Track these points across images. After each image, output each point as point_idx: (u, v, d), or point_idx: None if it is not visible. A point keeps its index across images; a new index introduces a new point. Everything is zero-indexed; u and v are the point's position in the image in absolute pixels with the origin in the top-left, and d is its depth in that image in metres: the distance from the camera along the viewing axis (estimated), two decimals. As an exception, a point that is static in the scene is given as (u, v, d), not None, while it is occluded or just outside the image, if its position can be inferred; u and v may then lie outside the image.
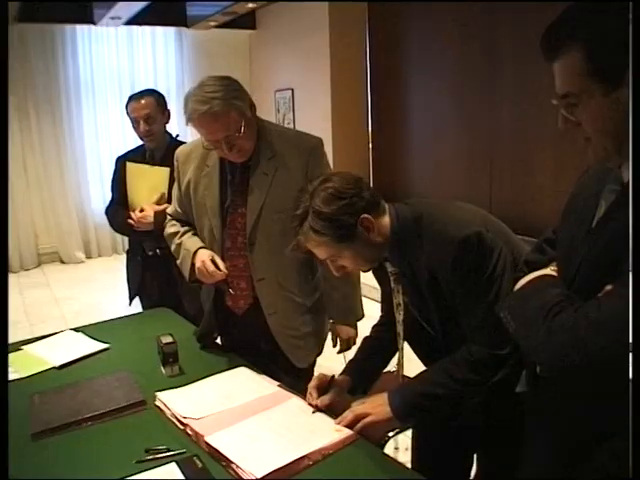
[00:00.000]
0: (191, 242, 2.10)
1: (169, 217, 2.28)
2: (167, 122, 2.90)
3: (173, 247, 2.18)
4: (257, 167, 1.99)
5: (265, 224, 1.99)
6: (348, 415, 1.58)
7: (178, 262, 2.16)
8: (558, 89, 1.06)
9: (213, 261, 1.98)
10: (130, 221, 2.79)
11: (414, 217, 1.52)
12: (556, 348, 1.03)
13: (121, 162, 2.98)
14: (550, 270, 1.21)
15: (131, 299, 3.10)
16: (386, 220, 1.54)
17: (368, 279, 1.83)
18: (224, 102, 1.84)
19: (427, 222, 1.51)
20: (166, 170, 2.75)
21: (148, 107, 2.78)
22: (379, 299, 1.83)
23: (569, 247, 1.18)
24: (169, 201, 2.74)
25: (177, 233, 2.17)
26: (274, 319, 2.06)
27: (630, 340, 0.92)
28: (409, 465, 1.83)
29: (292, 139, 2.05)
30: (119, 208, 2.93)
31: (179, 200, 2.20)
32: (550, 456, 1.24)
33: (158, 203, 2.78)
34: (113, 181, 3.03)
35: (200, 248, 2.05)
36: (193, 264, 2.03)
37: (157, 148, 2.87)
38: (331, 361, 2.25)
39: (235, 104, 1.87)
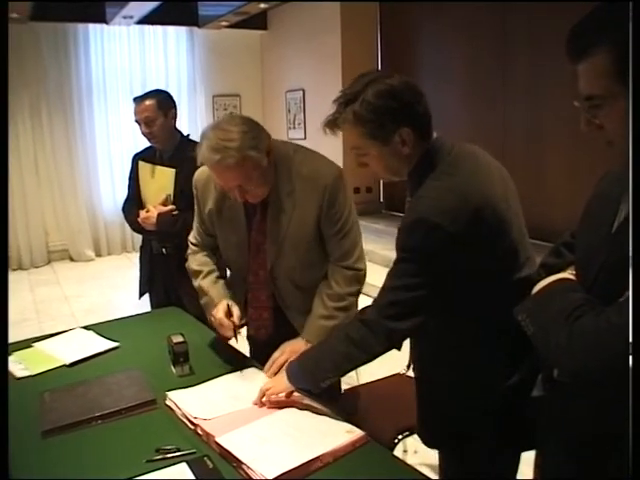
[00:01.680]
0: (214, 291, 2.06)
1: (191, 244, 2.21)
2: (173, 122, 2.90)
3: (196, 284, 2.13)
4: (276, 204, 1.94)
5: (285, 258, 1.96)
6: (258, 394, 1.70)
7: (201, 302, 2.12)
8: (582, 90, 1.05)
9: (230, 308, 1.95)
10: (139, 219, 2.84)
11: (440, 159, 1.49)
12: (577, 352, 1.02)
13: (136, 160, 3.03)
14: (568, 274, 1.19)
15: (141, 294, 3.15)
16: (425, 146, 1.50)
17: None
18: (238, 153, 1.75)
19: (440, 173, 1.47)
20: (172, 171, 2.79)
21: (148, 110, 2.81)
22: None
23: (588, 251, 1.16)
24: (175, 202, 2.80)
25: (200, 273, 2.12)
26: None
27: (630, 340, 0.91)
28: (418, 468, 1.82)
29: (308, 175, 1.93)
30: (132, 205, 2.99)
31: (201, 223, 2.14)
32: (563, 460, 1.23)
33: (164, 204, 2.82)
34: (129, 178, 3.09)
35: (221, 300, 2.01)
36: None
37: (165, 149, 2.90)
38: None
39: (250, 155, 1.77)
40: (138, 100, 2.86)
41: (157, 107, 2.81)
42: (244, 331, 2.17)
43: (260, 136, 1.82)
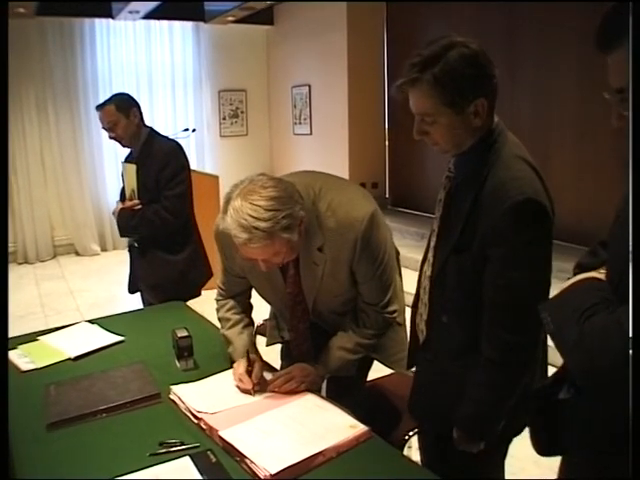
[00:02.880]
0: (239, 342, 1.94)
1: (220, 289, 2.09)
2: (136, 121, 2.95)
3: (222, 332, 2.04)
4: (308, 257, 1.80)
5: (324, 303, 1.90)
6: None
7: (228, 350, 2.01)
8: (613, 83, 1.00)
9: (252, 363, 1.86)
10: None
11: (507, 139, 1.43)
12: (586, 353, 0.98)
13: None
14: (597, 273, 1.14)
15: (130, 290, 3.23)
16: (490, 122, 1.43)
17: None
18: (268, 234, 1.56)
19: (517, 154, 1.41)
20: (133, 167, 2.91)
21: (108, 115, 2.89)
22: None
23: (618, 248, 1.11)
24: (139, 197, 2.91)
25: (227, 322, 2.02)
26: None
27: (630, 337, 0.89)
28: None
29: (336, 228, 1.74)
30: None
31: (229, 270, 2.01)
32: (586, 462, 1.20)
33: (130, 199, 2.96)
34: None
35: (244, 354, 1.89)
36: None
37: (134, 148, 3.00)
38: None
39: (281, 236, 1.59)
40: (99, 108, 2.92)
41: (116, 110, 2.88)
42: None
43: (293, 210, 1.61)
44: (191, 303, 2.92)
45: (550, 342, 1.50)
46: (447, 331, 1.54)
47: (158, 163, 2.89)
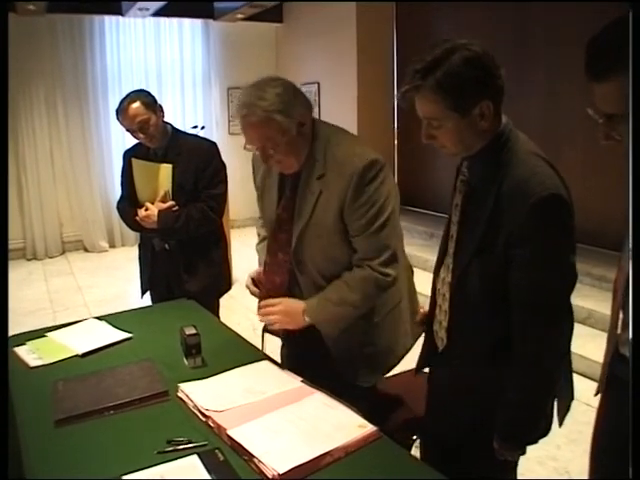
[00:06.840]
0: (260, 256, 2.12)
1: (258, 235, 2.22)
2: (163, 117, 2.81)
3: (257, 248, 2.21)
4: (306, 185, 1.83)
5: (308, 244, 1.86)
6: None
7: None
8: (603, 108, 1.03)
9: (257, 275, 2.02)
10: (137, 218, 2.78)
11: (519, 137, 1.43)
12: None
13: (127, 157, 2.93)
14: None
15: (143, 292, 3.11)
16: (498, 124, 1.44)
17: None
18: (265, 113, 1.70)
19: (532, 151, 1.41)
20: (169, 167, 2.72)
21: (137, 115, 2.67)
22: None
23: None
24: (173, 198, 2.75)
25: (259, 237, 2.21)
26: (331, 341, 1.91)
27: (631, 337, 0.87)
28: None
29: (341, 160, 1.78)
30: (128, 204, 2.91)
31: (262, 211, 2.12)
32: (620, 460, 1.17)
33: (163, 201, 2.76)
34: (122, 176, 2.99)
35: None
36: None
37: (157, 147, 2.81)
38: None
39: (276, 119, 1.70)
40: (123, 107, 2.68)
41: (145, 108, 2.69)
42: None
43: (293, 103, 1.74)
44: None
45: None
46: (471, 336, 1.53)
47: (198, 162, 2.75)
